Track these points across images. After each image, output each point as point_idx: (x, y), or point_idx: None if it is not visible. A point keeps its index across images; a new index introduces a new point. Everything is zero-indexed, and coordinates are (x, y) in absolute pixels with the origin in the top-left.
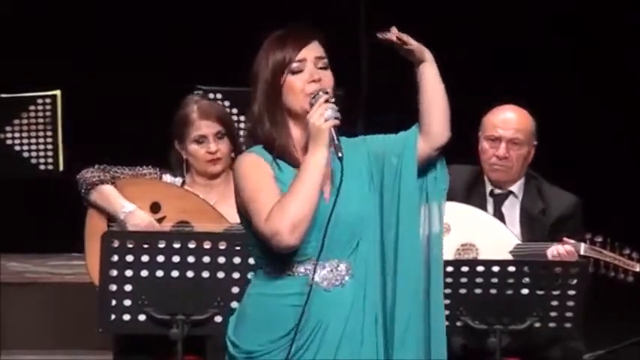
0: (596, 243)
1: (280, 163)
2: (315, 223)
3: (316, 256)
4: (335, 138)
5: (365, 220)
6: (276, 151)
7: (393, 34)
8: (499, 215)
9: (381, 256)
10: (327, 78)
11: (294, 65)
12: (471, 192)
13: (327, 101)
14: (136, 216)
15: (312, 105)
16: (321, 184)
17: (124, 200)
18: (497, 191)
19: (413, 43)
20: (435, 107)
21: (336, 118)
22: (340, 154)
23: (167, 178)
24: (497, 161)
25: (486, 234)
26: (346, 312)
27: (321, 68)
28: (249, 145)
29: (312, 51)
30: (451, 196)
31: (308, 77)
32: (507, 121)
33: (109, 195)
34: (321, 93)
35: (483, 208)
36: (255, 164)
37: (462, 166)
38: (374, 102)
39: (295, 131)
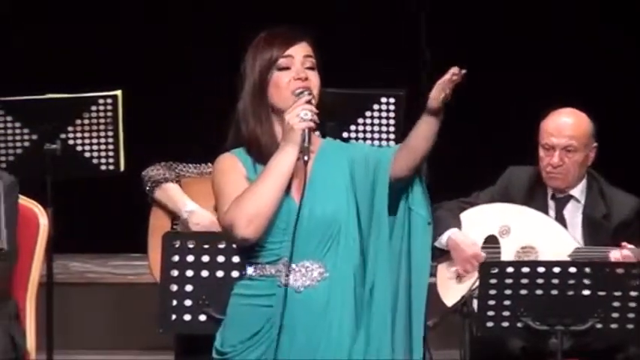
0: None
1: (259, 167)
2: (282, 225)
3: (284, 256)
4: (306, 140)
5: (340, 221)
6: (257, 152)
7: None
8: (560, 219)
9: (361, 257)
10: (314, 78)
11: (281, 61)
12: (532, 195)
13: (308, 102)
14: (198, 215)
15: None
16: (285, 182)
17: (187, 199)
18: (559, 195)
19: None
20: (421, 149)
21: (312, 121)
22: (306, 158)
23: None
24: (553, 170)
25: (546, 237)
26: (317, 313)
27: (308, 68)
28: (232, 145)
29: (301, 49)
30: (511, 198)
31: (294, 75)
32: (561, 129)
33: (172, 193)
34: (305, 92)
35: (544, 211)
36: (230, 163)
37: (523, 168)
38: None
39: (279, 130)
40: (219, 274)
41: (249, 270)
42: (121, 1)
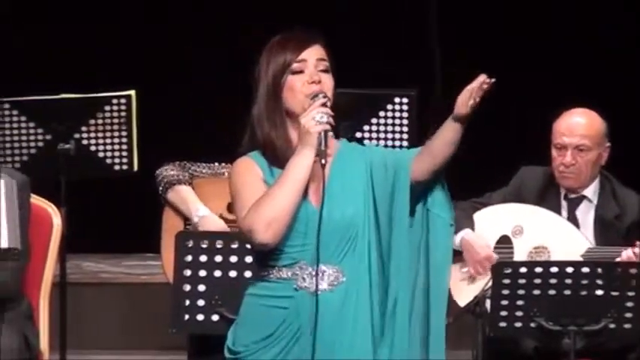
0: None
1: (275, 170)
2: (300, 228)
3: (301, 260)
4: (322, 143)
5: (357, 225)
6: (273, 156)
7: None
8: (573, 219)
9: (379, 261)
10: (328, 81)
11: (295, 65)
12: (544, 195)
13: (323, 105)
14: (210, 221)
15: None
16: (302, 186)
17: (200, 204)
18: (572, 195)
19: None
20: (444, 154)
21: (327, 123)
22: (323, 161)
23: None
24: (565, 169)
25: (559, 237)
26: (332, 317)
27: (322, 71)
28: (247, 149)
29: (314, 53)
30: (524, 198)
31: (308, 78)
32: (573, 128)
33: (185, 197)
34: (320, 95)
35: (557, 212)
36: (247, 166)
37: (535, 168)
38: (447, 103)
39: (294, 134)
40: (232, 274)
41: (266, 272)
42: (121, 1)
